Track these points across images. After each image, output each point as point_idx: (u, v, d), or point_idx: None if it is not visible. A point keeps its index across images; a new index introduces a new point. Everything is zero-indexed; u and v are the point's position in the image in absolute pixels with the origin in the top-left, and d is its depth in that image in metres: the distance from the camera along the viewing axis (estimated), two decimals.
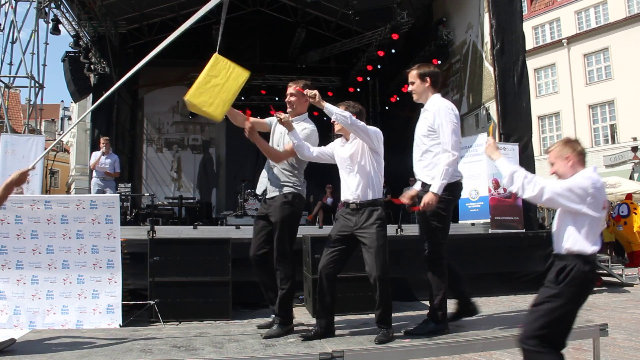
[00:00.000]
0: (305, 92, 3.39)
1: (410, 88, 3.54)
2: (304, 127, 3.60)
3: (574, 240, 2.60)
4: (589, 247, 2.57)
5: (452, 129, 3.31)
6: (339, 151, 3.53)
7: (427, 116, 3.44)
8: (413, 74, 3.51)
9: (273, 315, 3.60)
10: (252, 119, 3.60)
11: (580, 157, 2.67)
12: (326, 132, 3.94)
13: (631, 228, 12.10)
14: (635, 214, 12.18)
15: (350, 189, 3.36)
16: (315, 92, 3.30)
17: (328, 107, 3.27)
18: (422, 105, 3.56)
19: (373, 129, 3.38)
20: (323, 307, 3.28)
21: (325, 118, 3.52)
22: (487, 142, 2.90)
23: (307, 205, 12.53)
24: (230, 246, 5.71)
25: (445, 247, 3.43)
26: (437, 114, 3.35)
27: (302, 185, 3.66)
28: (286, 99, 3.66)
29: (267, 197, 3.65)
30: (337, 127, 3.44)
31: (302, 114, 3.69)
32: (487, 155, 2.88)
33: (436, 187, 3.25)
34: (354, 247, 3.34)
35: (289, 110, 3.61)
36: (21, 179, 2.98)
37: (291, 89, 3.62)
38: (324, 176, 8.81)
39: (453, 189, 3.42)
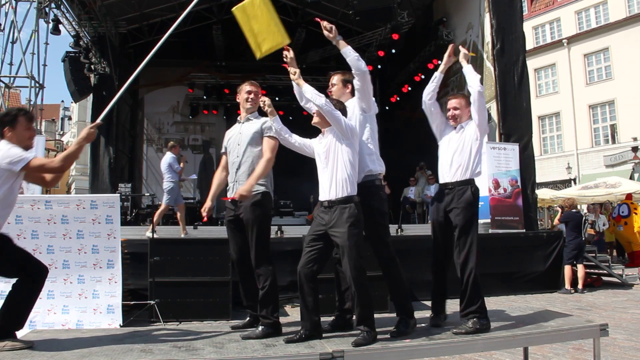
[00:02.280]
0: (288, 54, 3.54)
1: (331, 89, 3.72)
2: (264, 120, 3.73)
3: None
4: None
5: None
6: (316, 147, 3.47)
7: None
8: (337, 78, 3.69)
9: (249, 318, 3.74)
10: None
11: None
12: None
13: (632, 228, 12.11)
14: (636, 214, 12.19)
15: (324, 186, 3.29)
16: (297, 70, 3.43)
17: (306, 87, 3.32)
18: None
19: (350, 124, 3.33)
20: (305, 308, 3.18)
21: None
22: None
23: (307, 205, 12.52)
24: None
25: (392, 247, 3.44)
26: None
27: (270, 183, 3.71)
28: (250, 96, 3.78)
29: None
30: (314, 120, 3.40)
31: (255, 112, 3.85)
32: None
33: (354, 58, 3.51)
34: (331, 246, 3.27)
35: (248, 106, 3.76)
36: (90, 135, 3.09)
37: (253, 87, 3.80)
38: None
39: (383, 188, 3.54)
